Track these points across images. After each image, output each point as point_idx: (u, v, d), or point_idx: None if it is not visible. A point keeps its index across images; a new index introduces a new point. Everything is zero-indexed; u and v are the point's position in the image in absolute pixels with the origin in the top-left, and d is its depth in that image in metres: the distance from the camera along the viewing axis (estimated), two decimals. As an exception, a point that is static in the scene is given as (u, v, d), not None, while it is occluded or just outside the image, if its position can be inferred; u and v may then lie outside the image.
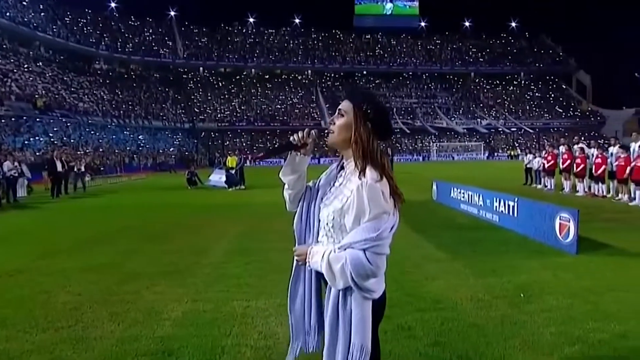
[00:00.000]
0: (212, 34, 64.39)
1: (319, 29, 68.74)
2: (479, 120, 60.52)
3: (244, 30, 66.97)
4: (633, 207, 9.55)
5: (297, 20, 68.67)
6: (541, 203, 6.78)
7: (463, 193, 9.43)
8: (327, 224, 1.52)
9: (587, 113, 62.20)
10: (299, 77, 65.06)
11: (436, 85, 67.37)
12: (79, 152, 28.76)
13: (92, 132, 40.09)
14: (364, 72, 66.99)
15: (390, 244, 1.45)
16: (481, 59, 68.82)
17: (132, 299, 3.94)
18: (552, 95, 65.53)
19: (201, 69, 62.15)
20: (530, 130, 58.27)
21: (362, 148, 1.48)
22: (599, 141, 15.28)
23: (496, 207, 7.70)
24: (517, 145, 57.50)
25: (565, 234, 5.57)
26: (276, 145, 1.64)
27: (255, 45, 64.79)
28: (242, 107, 57.29)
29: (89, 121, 40.59)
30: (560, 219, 5.69)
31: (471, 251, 5.72)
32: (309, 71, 65.81)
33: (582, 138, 17.13)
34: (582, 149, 12.17)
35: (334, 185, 1.62)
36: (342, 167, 1.64)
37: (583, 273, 4.64)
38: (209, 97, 58.08)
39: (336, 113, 1.57)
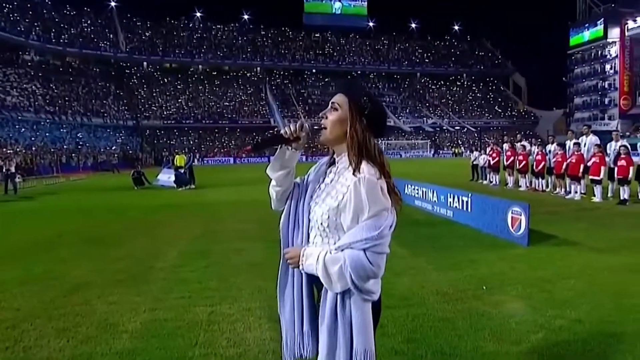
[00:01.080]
0: (157, 27, 61.69)
1: (268, 25, 68.11)
2: (424, 119, 62.74)
3: (191, 25, 64.81)
4: (569, 200, 10.25)
5: (245, 17, 67.57)
6: (494, 198, 7.06)
7: (417, 190, 9.65)
8: (321, 223, 1.42)
9: (523, 113, 66.50)
10: (248, 74, 64.04)
11: (384, 84, 68.99)
12: (8, 151, 26.41)
13: (22, 130, 36.99)
14: (313, 70, 67.20)
15: (389, 243, 1.37)
16: (427, 60, 71.41)
17: (81, 311, 3.60)
18: (492, 96, 69.34)
19: (145, 63, 59.36)
20: (473, 129, 61.31)
21: (357, 144, 1.41)
22: (538, 140, 16.27)
23: (450, 202, 7.93)
24: (460, 143, 60.34)
25: (517, 227, 5.83)
26: (265, 138, 1.50)
27: (202, 41, 62.89)
28: (189, 104, 55.43)
29: (19, 117, 37.41)
30: (512, 212, 5.95)
31: (430, 247, 5.83)
32: (258, 68, 64.98)
33: (523, 136, 18.14)
34: (524, 146, 12.91)
35: (323, 181, 1.53)
36: (332, 163, 1.55)
37: (536, 263, 4.87)
38: (154, 94, 55.60)
39: (329, 107, 1.48)
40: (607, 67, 52.18)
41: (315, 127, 1.55)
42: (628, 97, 49.65)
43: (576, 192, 10.37)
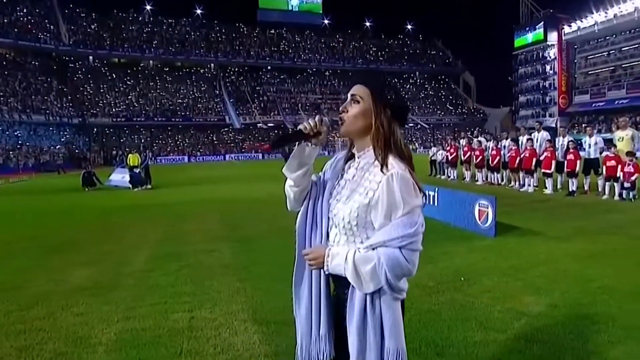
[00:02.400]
0: (104, 20, 58.32)
1: (222, 21, 66.41)
2: (380, 116, 63.91)
3: (140, 19, 61.95)
4: (523, 193, 10.79)
5: (198, 11, 65.54)
6: (460, 192, 7.28)
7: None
8: (348, 221, 1.35)
9: (472, 110, 69.46)
10: (202, 71, 62.26)
11: (339, 81, 69.51)
12: None
13: (-51, 128, 33.87)
14: (269, 67, 66.50)
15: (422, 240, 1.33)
16: (381, 58, 72.70)
17: (45, 325, 3.29)
18: (443, 93, 71.82)
19: (91, 57, 55.97)
20: (426, 126, 63.20)
21: (383, 137, 1.35)
22: (492, 135, 17.04)
23: (416, 197, 8.08)
24: (414, 139, 62.07)
25: (484, 219, 6.03)
26: (284, 135, 1.41)
27: (153, 36, 60.31)
28: (140, 101, 53.04)
29: (-53, 115, 34.22)
30: (479, 205, 6.15)
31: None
32: (212, 64, 63.31)
33: (474, 132, 18.95)
34: (480, 142, 13.44)
35: (342, 177, 1.46)
36: (350, 158, 1.48)
37: (505, 253, 5.06)
38: (102, 90, 52.62)
39: (348, 100, 1.41)
40: (547, 67, 55.49)
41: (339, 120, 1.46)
42: (566, 96, 53.11)
43: (529, 185, 10.93)
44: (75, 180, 16.40)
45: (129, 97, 53.18)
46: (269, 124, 55.68)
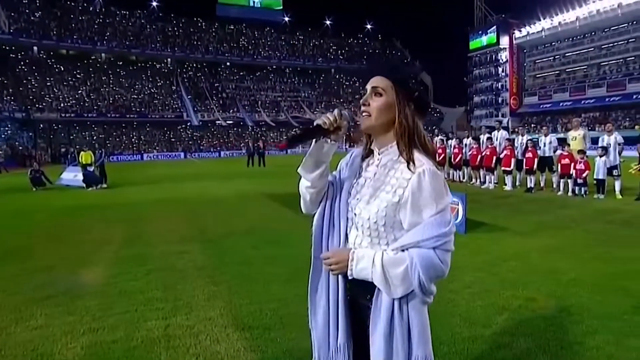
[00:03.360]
0: (49, 8, 54.68)
1: (179, 15, 64.32)
2: (340, 113, 64.45)
3: (91, 9, 58.71)
4: (485, 190, 11.16)
5: (154, 4, 63.02)
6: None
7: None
8: (374, 222, 1.25)
9: (430, 109, 71.45)
10: (158, 66, 60.00)
11: (299, 79, 69.38)
12: None
13: None
14: (228, 64, 65.23)
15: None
16: (341, 57, 73.26)
17: None
18: (401, 93, 73.48)
19: (35, 48, 52.39)
20: (385, 124, 64.48)
21: (408, 131, 1.27)
22: (451, 134, 17.55)
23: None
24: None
25: (455, 216, 6.13)
26: (302, 131, 1.29)
27: (105, 27, 57.40)
28: (92, 96, 50.35)
29: None
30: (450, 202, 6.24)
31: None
32: (169, 59, 61.23)
33: (434, 131, 19.43)
34: (442, 140, 13.77)
35: (360, 176, 1.37)
36: (368, 155, 1.39)
37: (477, 249, 5.15)
38: (48, 83, 49.40)
39: (369, 92, 1.31)
40: (500, 70, 58.20)
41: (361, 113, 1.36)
42: (516, 97, 55.92)
43: (490, 182, 11.32)
44: (21, 180, 15.27)
45: (79, 91, 50.34)
46: (228, 121, 54.62)
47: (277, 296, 3.63)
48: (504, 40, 56.37)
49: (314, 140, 1.30)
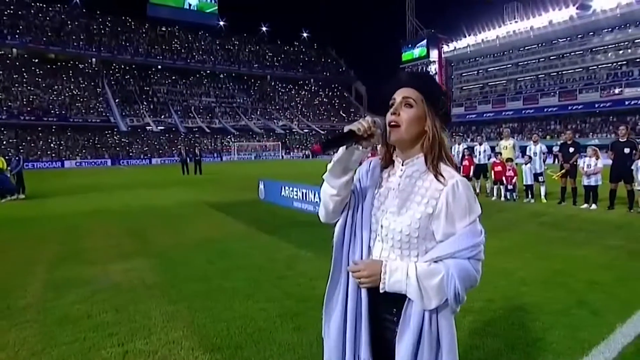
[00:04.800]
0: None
1: (105, 12, 60.60)
2: (275, 120, 64.32)
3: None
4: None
5: (76, -1, 58.81)
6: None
7: (296, 191, 9.70)
8: (407, 234, 1.24)
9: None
10: (81, 66, 55.94)
11: (234, 85, 68.33)
12: None
13: None
14: (159, 67, 62.54)
15: None
16: (277, 64, 73.34)
17: None
18: (337, 101, 75.05)
19: None
20: (321, 132, 65.32)
21: (437, 144, 1.28)
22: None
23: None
24: (307, 145, 63.69)
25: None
26: (336, 136, 1.24)
27: (17, 20, 52.33)
28: (2, 96, 45.55)
29: None
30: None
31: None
32: (94, 60, 57.37)
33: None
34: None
35: (381, 186, 1.35)
36: (388, 165, 1.37)
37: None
38: (-54, 80, 43.99)
39: (399, 102, 1.30)
40: (429, 81, 61.89)
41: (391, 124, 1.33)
42: (445, 107, 59.77)
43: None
44: None
45: (-15, 90, 45.36)
46: (160, 127, 52.22)
47: (242, 312, 3.47)
48: (434, 54, 60.07)
49: (343, 146, 1.25)
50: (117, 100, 51.88)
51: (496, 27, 51.31)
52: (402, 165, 1.32)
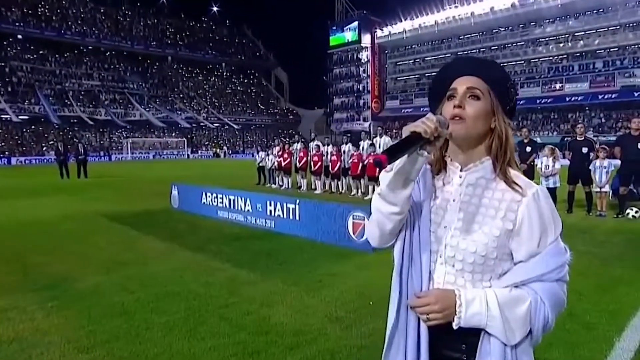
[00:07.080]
0: None
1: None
2: (178, 112, 62.30)
3: None
4: (369, 200, 12.02)
5: None
6: (328, 203, 7.61)
7: (222, 198, 9.47)
8: (482, 255, 1.21)
9: (285, 111, 74.18)
10: None
11: (126, 66, 65.14)
12: None
13: None
14: (19, 37, 57.45)
15: None
16: (180, 43, 71.18)
17: None
18: (254, 90, 74.72)
19: None
20: (235, 126, 64.49)
21: (506, 144, 1.26)
22: (327, 139, 18.45)
23: (271, 211, 8.12)
24: (220, 142, 62.65)
25: (360, 233, 6.43)
26: (402, 141, 1.13)
27: None
28: None
29: None
30: (354, 218, 6.54)
31: (276, 264, 5.85)
32: None
33: (294, 136, 20.21)
34: (318, 146, 14.38)
35: (436, 197, 1.32)
36: (440, 171, 1.34)
37: (388, 267, 5.49)
38: None
39: (463, 93, 1.25)
40: (361, 70, 63.82)
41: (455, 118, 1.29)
42: (378, 100, 62.03)
43: (374, 192, 12.22)
44: None
45: None
46: (22, 117, 47.96)
47: (185, 354, 3.29)
48: (366, 39, 62.12)
49: (405, 154, 1.17)
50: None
51: (435, 12, 54.50)
52: (461, 171, 1.29)
